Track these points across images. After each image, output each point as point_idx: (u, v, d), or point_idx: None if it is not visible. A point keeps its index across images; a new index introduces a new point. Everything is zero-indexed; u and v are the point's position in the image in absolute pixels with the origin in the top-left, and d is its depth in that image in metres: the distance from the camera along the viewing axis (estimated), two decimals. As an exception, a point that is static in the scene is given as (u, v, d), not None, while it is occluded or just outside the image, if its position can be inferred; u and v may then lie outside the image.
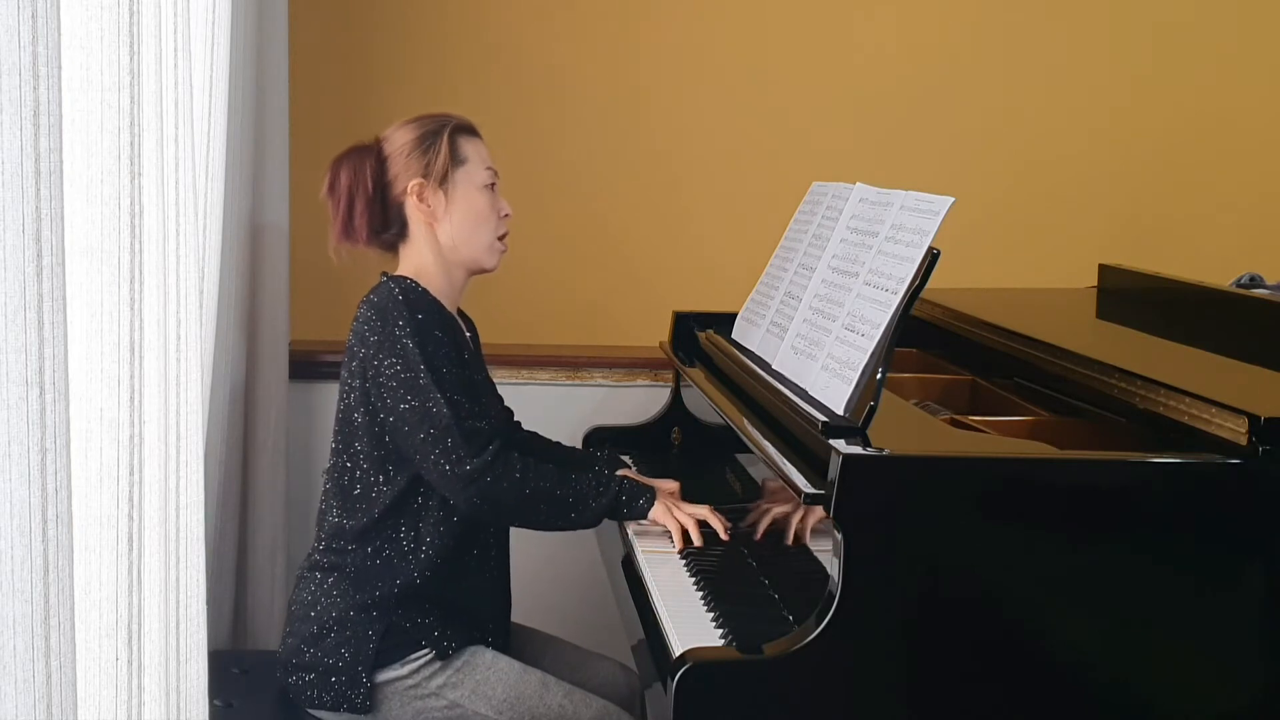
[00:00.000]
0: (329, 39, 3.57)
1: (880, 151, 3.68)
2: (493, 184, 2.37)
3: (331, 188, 2.32)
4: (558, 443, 2.65)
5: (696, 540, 2.25)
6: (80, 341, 1.50)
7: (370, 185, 2.30)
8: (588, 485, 2.28)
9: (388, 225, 2.33)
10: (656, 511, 2.30)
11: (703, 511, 2.29)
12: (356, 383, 2.26)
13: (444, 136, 2.32)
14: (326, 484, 2.33)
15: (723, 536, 2.25)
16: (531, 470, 2.24)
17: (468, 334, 2.42)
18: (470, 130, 2.38)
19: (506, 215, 2.39)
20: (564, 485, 2.26)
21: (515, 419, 2.62)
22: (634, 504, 2.30)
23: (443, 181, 2.32)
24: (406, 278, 2.29)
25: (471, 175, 2.34)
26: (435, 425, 2.17)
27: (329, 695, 2.22)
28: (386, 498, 2.24)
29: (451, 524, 2.25)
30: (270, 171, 3.05)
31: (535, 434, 2.65)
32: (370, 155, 2.32)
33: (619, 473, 2.45)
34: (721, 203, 3.69)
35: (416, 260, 2.34)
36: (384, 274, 2.33)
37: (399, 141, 2.33)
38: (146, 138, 1.58)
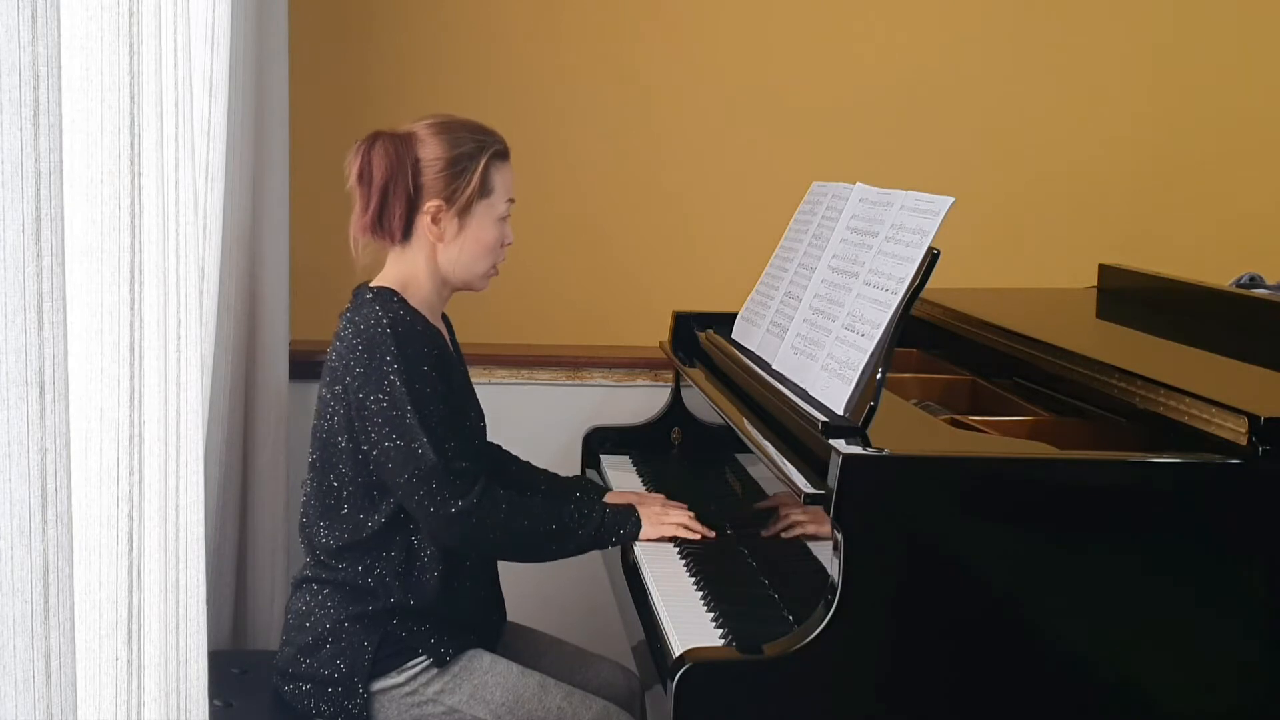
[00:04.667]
0: (329, 39, 3.57)
1: (880, 151, 3.67)
2: (507, 215, 2.33)
3: (362, 176, 2.24)
4: (527, 462, 2.60)
5: (706, 534, 2.30)
6: (80, 341, 1.50)
7: (411, 188, 2.23)
8: (570, 517, 2.26)
9: (409, 229, 2.27)
10: (648, 531, 2.30)
11: (684, 515, 2.33)
12: (340, 408, 2.21)
13: (480, 164, 2.26)
14: (307, 498, 2.29)
15: (695, 538, 2.30)
16: (516, 507, 2.22)
17: (447, 336, 2.38)
18: (504, 155, 2.32)
19: (508, 244, 2.35)
20: (547, 520, 2.24)
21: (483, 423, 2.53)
22: (619, 531, 2.29)
23: (463, 211, 2.27)
24: (392, 293, 2.23)
25: (492, 207, 2.30)
26: (420, 467, 2.14)
27: (326, 705, 2.21)
28: (375, 523, 2.21)
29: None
30: (270, 171, 3.04)
31: (498, 446, 2.59)
32: (409, 153, 2.24)
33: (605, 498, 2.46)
34: (721, 204, 3.69)
35: (408, 268, 2.29)
36: (367, 287, 2.27)
37: (433, 153, 2.24)
38: (146, 138, 1.58)
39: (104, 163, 1.51)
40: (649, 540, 2.30)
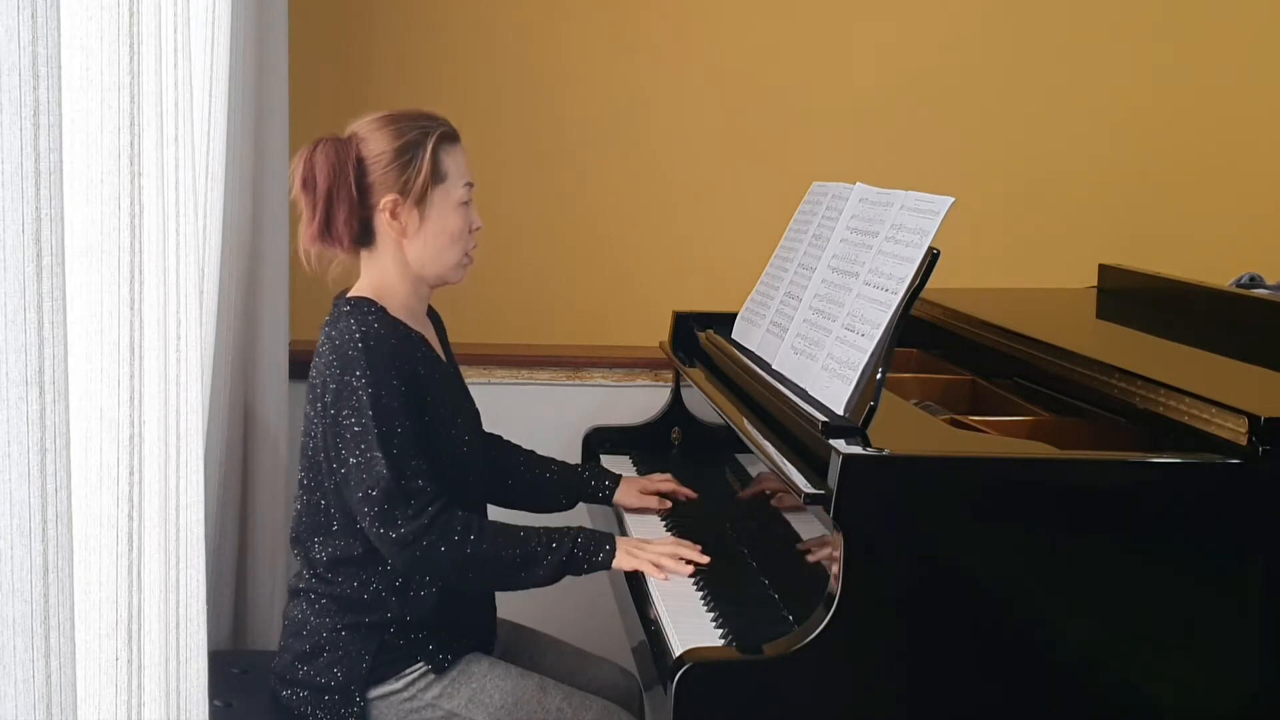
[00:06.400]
0: (329, 39, 3.57)
1: (880, 152, 3.68)
2: (469, 200, 2.27)
3: (306, 184, 2.20)
4: (531, 451, 2.57)
5: (678, 571, 2.16)
6: (80, 341, 1.50)
7: (354, 191, 2.18)
8: (540, 543, 2.17)
9: (364, 233, 2.23)
10: (620, 560, 2.20)
11: (667, 547, 2.21)
12: (320, 425, 2.18)
13: (426, 150, 2.20)
14: (298, 513, 2.27)
15: (702, 560, 2.18)
16: (474, 532, 2.13)
17: (436, 339, 2.36)
18: (452, 138, 2.26)
19: (477, 229, 2.29)
20: (511, 545, 2.15)
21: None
22: (592, 558, 2.19)
23: (419, 201, 2.21)
24: (369, 303, 2.20)
25: (449, 193, 2.24)
26: (374, 485, 2.09)
27: (323, 712, 2.19)
28: (368, 539, 2.18)
29: None
30: (270, 171, 3.04)
31: (499, 437, 2.56)
32: (349, 155, 2.19)
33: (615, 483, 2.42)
34: (721, 204, 3.69)
35: (379, 273, 2.25)
36: (345, 298, 2.24)
37: (377, 148, 2.20)
38: (146, 138, 1.58)
39: (104, 163, 1.51)
40: (623, 570, 2.21)
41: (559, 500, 2.56)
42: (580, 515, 2.65)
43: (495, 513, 2.39)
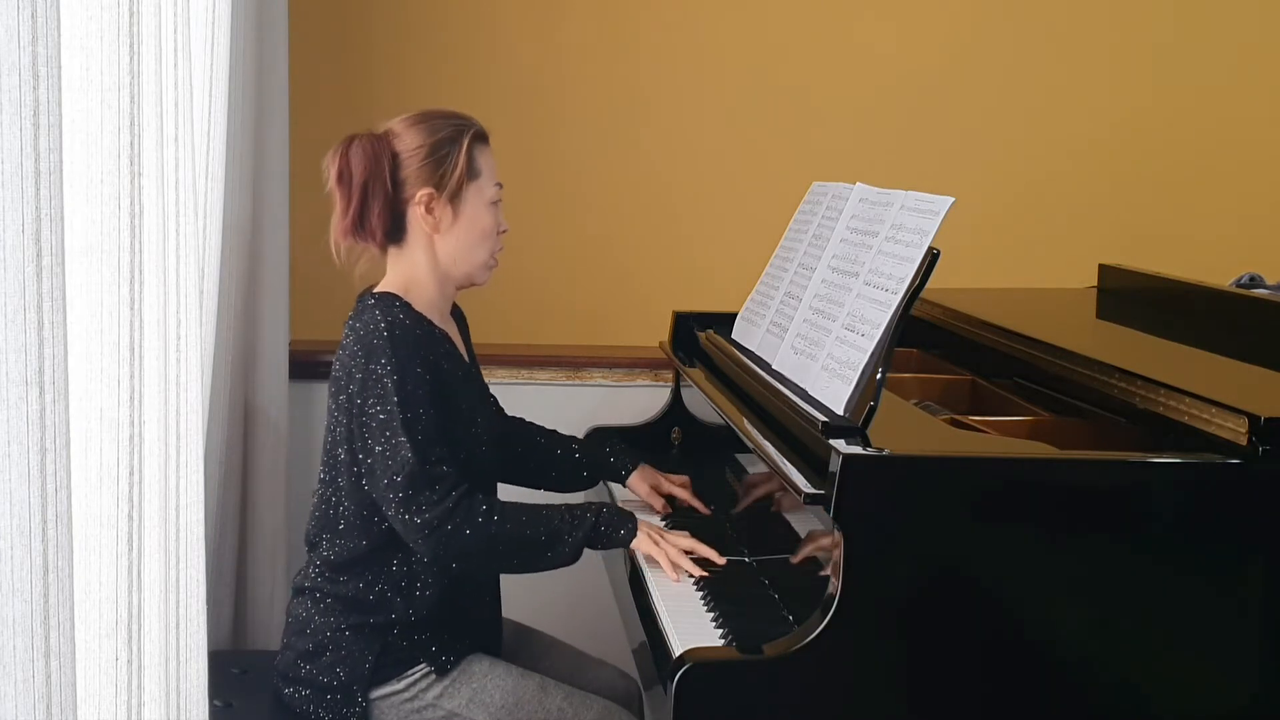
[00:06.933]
0: (329, 39, 3.57)
1: (880, 152, 3.67)
2: (499, 200, 2.29)
3: (341, 177, 2.21)
4: (553, 430, 2.59)
5: (692, 571, 2.17)
6: (80, 341, 1.50)
7: (389, 184, 2.20)
8: (562, 520, 2.17)
9: (395, 229, 2.24)
10: (639, 542, 2.21)
11: (686, 542, 2.21)
12: (343, 419, 2.18)
13: (462, 147, 2.22)
14: (313, 508, 2.28)
15: (718, 562, 2.18)
16: (497, 513, 2.13)
17: (459, 336, 2.37)
18: (484, 138, 2.28)
19: (504, 231, 2.31)
20: (535, 524, 2.15)
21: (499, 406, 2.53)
22: (614, 534, 2.20)
23: (454, 196, 2.23)
24: (394, 297, 2.20)
25: (482, 191, 2.26)
26: (399, 470, 2.09)
27: (325, 711, 2.20)
28: (376, 538, 2.19)
29: None
30: (270, 171, 3.05)
31: (521, 419, 2.58)
32: (385, 150, 2.21)
33: (630, 476, 2.45)
34: (721, 204, 3.69)
35: (408, 269, 2.26)
36: (370, 293, 2.24)
37: (412, 143, 2.22)
38: (146, 138, 1.58)
39: (104, 163, 1.51)
40: (639, 553, 2.22)
41: (580, 475, 2.57)
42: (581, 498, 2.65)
43: (515, 493, 2.39)
